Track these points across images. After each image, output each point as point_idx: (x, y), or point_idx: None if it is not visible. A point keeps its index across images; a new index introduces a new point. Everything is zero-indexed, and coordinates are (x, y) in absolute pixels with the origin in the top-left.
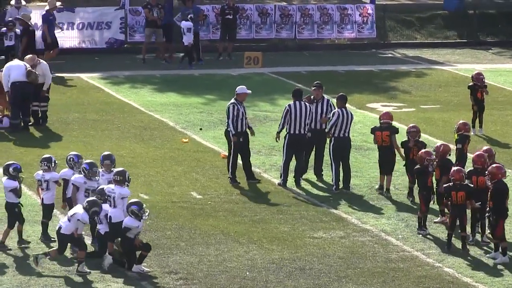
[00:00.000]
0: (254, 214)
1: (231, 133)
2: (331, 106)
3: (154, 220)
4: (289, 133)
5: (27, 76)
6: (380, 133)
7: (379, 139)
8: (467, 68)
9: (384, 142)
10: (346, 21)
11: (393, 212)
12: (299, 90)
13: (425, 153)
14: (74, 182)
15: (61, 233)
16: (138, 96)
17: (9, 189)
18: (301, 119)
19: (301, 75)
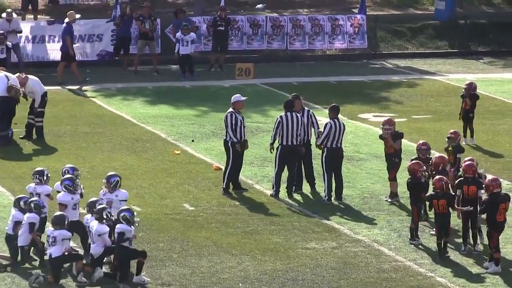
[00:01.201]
0: (247, 225)
1: (234, 141)
2: (311, 117)
3: (147, 232)
4: (281, 144)
5: (7, 91)
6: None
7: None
8: (459, 78)
9: (389, 150)
10: (337, 32)
11: (385, 222)
12: (291, 101)
13: (417, 165)
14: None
15: (53, 258)
16: (130, 108)
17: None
18: (293, 130)
19: (293, 86)
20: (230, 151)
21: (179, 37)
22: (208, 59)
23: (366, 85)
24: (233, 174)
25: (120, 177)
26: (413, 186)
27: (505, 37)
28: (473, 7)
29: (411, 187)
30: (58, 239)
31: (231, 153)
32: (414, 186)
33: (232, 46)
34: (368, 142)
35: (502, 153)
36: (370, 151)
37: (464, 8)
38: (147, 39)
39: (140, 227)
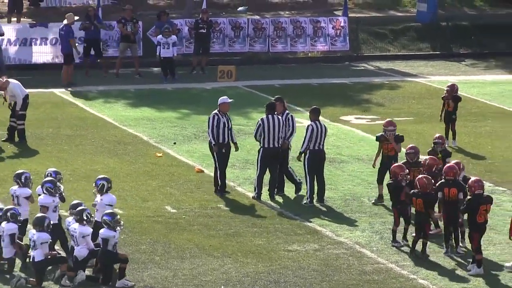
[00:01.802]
0: (229, 228)
1: (212, 143)
2: (289, 120)
3: (129, 235)
4: (263, 146)
5: None
6: (387, 145)
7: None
8: (441, 80)
9: (389, 152)
10: (319, 34)
11: (367, 224)
12: (272, 104)
13: (399, 168)
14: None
15: (36, 262)
16: (112, 110)
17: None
18: (274, 132)
19: (275, 88)
20: (215, 153)
21: (160, 39)
22: (190, 61)
23: (348, 87)
24: (223, 175)
25: (107, 181)
26: (394, 189)
27: (487, 39)
28: (455, 9)
29: (392, 190)
30: (37, 243)
31: (215, 155)
32: (395, 189)
33: (214, 48)
34: (350, 144)
35: (484, 155)
36: (352, 154)
37: (446, 10)
38: (128, 41)
39: (122, 230)
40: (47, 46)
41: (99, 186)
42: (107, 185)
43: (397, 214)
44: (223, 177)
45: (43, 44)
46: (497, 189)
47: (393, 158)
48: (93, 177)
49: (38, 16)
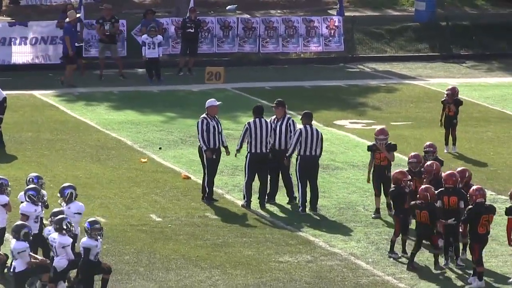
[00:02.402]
0: (217, 237)
1: (203, 149)
2: (291, 125)
3: (112, 244)
4: (250, 152)
5: None
6: (379, 154)
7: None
8: (440, 82)
9: (382, 162)
10: (312, 34)
11: (362, 234)
12: (260, 107)
13: (401, 174)
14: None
15: (17, 272)
16: (94, 114)
17: None
18: (262, 137)
19: (265, 90)
20: (204, 159)
21: (145, 39)
22: (176, 62)
23: (342, 90)
24: (211, 181)
25: (74, 188)
26: (396, 196)
27: (488, 40)
28: (455, 8)
29: (394, 198)
30: (15, 253)
31: (205, 160)
32: (397, 196)
33: (202, 49)
34: (345, 150)
35: (486, 162)
36: (346, 160)
37: (446, 9)
38: (106, 42)
39: (105, 239)
40: (27, 46)
41: (68, 195)
42: (74, 193)
43: (398, 223)
44: (211, 184)
45: (22, 43)
46: (499, 197)
47: (386, 168)
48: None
49: (17, 15)
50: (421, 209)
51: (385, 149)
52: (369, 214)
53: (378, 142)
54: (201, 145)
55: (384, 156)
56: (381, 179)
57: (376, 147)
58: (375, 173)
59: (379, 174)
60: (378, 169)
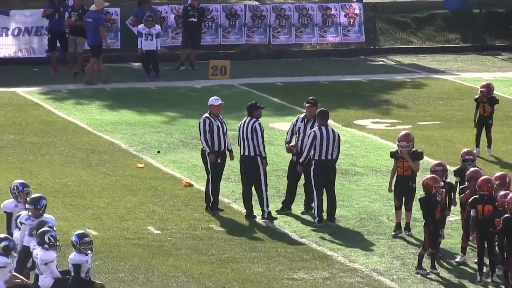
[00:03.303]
0: (223, 252)
1: (207, 152)
2: None
3: (104, 261)
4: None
5: None
6: (402, 163)
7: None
8: (473, 77)
9: (405, 172)
10: (329, 23)
11: (386, 248)
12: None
13: (432, 180)
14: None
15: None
16: (85, 113)
17: None
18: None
19: (277, 87)
20: (208, 163)
21: (141, 30)
22: (177, 55)
23: (363, 86)
24: (216, 189)
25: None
26: (426, 205)
27: None
28: None
29: (424, 206)
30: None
31: (208, 165)
32: (427, 204)
33: (206, 40)
34: (366, 153)
35: None
36: (368, 164)
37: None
38: (74, 34)
39: (97, 255)
40: (8, 38)
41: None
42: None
43: (428, 235)
44: (216, 192)
45: (3, 35)
46: None
47: (410, 178)
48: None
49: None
50: (484, 203)
51: (409, 157)
52: (394, 225)
53: (400, 150)
54: (204, 148)
55: (408, 165)
56: (403, 191)
57: (399, 154)
58: (398, 184)
59: (401, 185)
60: (401, 180)
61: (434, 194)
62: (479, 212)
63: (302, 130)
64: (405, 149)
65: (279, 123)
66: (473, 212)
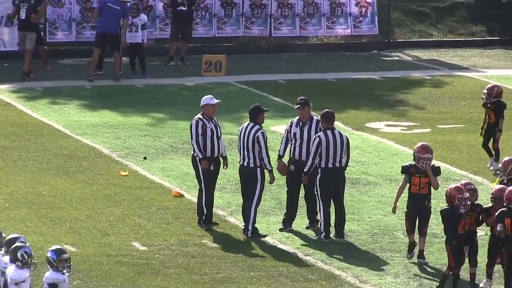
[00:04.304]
0: (217, 271)
1: (198, 157)
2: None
3: (84, 280)
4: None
5: None
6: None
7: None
8: (500, 74)
9: (422, 189)
10: (338, 13)
11: (401, 267)
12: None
13: (456, 190)
14: None
15: None
16: (62, 114)
17: None
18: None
19: (279, 85)
20: (200, 170)
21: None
22: (166, 49)
23: (376, 84)
24: (209, 200)
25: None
26: (449, 218)
27: None
28: None
29: (446, 219)
30: None
31: (200, 173)
32: (450, 217)
33: (198, 32)
34: (379, 161)
35: None
36: (381, 173)
37: None
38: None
39: (75, 273)
40: None
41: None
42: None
43: (451, 252)
44: (209, 203)
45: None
46: None
47: (426, 197)
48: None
49: None
50: None
51: (432, 172)
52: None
53: (422, 162)
54: (195, 153)
55: (426, 182)
56: (418, 212)
57: (416, 169)
58: (411, 204)
59: (416, 205)
60: (416, 199)
61: (457, 206)
62: (507, 226)
63: (299, 136)
64: (429, 162)
65: (281, 126)
66: (499, 226)
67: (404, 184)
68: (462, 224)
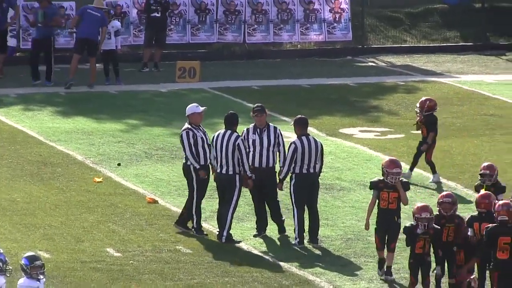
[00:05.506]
0: (191, 277)
1: (196, 167)
2: (279, 137)
3: (58, 287)
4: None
5: None
6: (387, 193)
7: (385, 200)
8: (474, 80)
9: (390, 204)
10: (312, 19)
11: (375, 272)
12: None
13: (417, 209)
14: None
15: None
16: (35, 121)
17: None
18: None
19: (252, 91)
20: (194, 179)
21: None
22: (139, 55)
23: (350, 90)
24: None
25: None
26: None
27: None
28: None
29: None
30: None
31: (194, 182)
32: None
33: (172, 38)
34: (353, 166)
35: None
36: (355, 178)
37: None
38: None
39: (49, 280)
40: None
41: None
42: None
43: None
44: (199, 211)
45: None
46: None
47: (395, 213)
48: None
49: None
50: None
51: (401, 185)
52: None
53: (392, 177)
54: (192, 163)
55: (395, 196)
56: (387, 227)
57: (385, 183)
58: (380, 220)
59: (385, 220)
60: (385, 214)
61: (416, 225)
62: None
63: (259, 143)
64: (398, 177)
65: None
66: (470, 232)
67: (374, 199)
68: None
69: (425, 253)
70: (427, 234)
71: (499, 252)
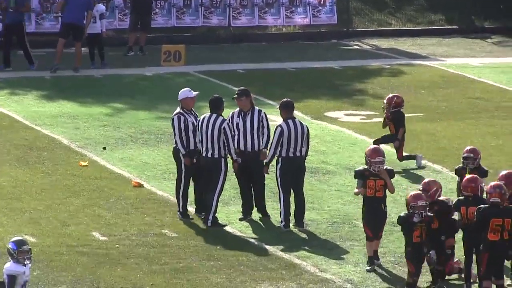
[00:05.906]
0: (177, 261)
1: (181, 153)
2: (263, 120)
3: (44, 271)
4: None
5: None
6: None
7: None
8: (459, 63)
9: (377, 192)
10: (297, 3)
11: (361, 256)
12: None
13: (411, 198)
14: None
15: None
16: (21, 105)
17: None
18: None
19: (238, 74)
20: (182, 163)
21: None
22: (124, 39)
23: (335, 73)
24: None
25: None
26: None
27: None
28: None
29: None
30: None
31: (182, 165)
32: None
33: (157, 22)
34: (339, 150)
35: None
36: (341, 162)
37: None
38: None
39: (35, 264)
40: None
41: None
42: None
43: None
44: (186, 195)
45: None
46: None
47: (382, 200)
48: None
49: None
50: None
51: (386, 173)
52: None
53: (375, 166)
54: (179, 148)
55: (381, 184)
56: (375, 216)
57: (370, 172)
58: (367, 208)
59: (372, 209)
60: (372, 202)
61: (411, 214)
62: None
63: (242, 125)
64: (381, 165)
65: None
66: (457, 215)
67: (360, 189)
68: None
69: (423, 242)
70: (423, 222)
71: (490, 233)
